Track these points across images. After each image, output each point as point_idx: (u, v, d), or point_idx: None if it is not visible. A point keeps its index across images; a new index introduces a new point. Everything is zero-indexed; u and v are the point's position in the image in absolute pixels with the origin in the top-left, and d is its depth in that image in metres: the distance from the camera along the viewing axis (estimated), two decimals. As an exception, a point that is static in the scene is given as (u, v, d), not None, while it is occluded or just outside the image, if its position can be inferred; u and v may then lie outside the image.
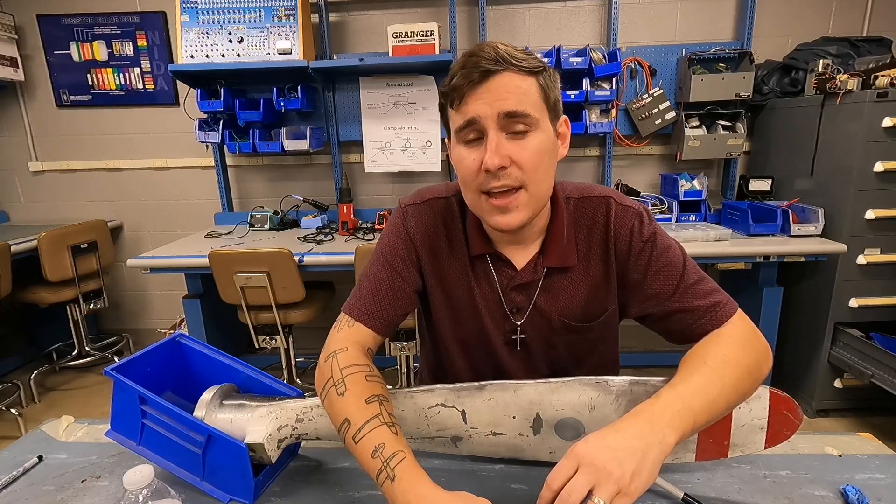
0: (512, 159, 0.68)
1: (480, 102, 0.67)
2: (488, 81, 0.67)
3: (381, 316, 0.80)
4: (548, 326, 0.84)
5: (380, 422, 0.64)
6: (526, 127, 0.68)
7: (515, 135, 0.69)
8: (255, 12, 2.39)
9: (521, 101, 0.67)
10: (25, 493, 0.74)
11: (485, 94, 0.67)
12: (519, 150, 0.69)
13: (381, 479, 0.60)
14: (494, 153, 0.67)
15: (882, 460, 0.76)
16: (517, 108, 0.67)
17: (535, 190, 0.71)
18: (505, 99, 0.67)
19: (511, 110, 0.67)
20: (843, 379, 2.18)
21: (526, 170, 0.69)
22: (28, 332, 3.03)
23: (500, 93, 0.67)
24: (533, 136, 0.69)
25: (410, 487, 0.58)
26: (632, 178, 2.72)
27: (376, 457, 0.61)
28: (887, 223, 2.00)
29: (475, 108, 0.68)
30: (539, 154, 0.70)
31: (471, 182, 0.72)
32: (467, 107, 0.68)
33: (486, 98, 0.67)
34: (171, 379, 0.83)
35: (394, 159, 2.68)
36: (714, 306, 0.74)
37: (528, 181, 0.70)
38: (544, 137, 0.70)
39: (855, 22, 2.49)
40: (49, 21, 2.74)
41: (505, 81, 0.67)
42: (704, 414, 0.61)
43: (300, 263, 2.05)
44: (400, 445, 0.62)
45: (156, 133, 2.87)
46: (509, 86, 0.67)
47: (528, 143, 0.69)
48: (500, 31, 2.62)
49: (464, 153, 0.71)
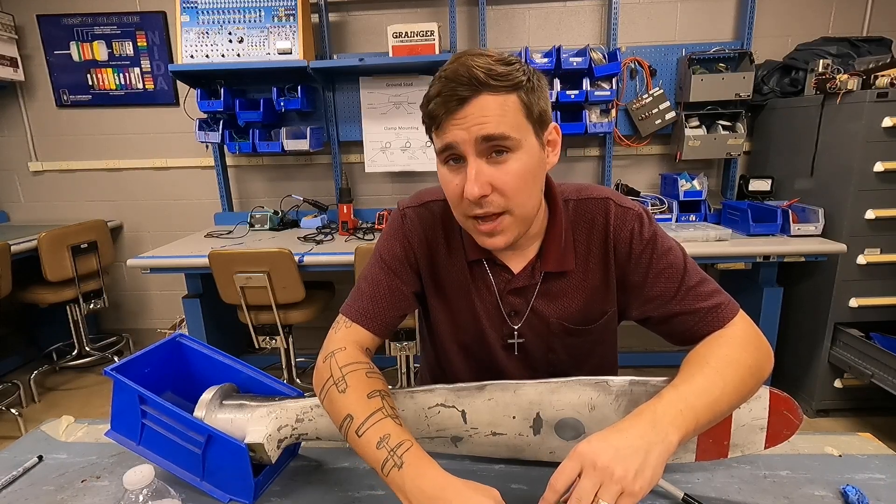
0: (493, 186, 0.67)
1: (457, 128, 0.66)
2: (465, 107, 0.65)
3: (378, 318, 0.80)
4: (546, 330, 0.84)
5: (383, 415, 0.64)
6: (506, 149, 0.67)
7: (497, 157, 0.67)
8: (255, 12, 2.39)
9: (499, 123, 0.65)
10: (25, 493, 0.74)
11: (462, 119, 0.65)
12: (500, 175, 0.67)
13: (388, 468, 0.59)
14: (474, 183, 0.66)
15: (882, 460, 0.76)
16: (495, 131, 0.65)
17: (521, 212, 0.71)
18: (482, 123, 0.65)
19: (488, 134, 0.65)
20: (843, 379, 2.18)
21: (508, 195, 0.68)
22: (28, 332, 3.03)
23: (476, 117, 0.65)
24: (514, 158, 0.67)
25: (420, 472, 0.58)
26: (632, 178, 2.72)
27: (381, 447, 0.61)
28: (887, 223, 2.00)
29: (453, 134, 0.66)
30: (521, 177, 0.68)
31: (457, 206, 0.72)
32: (445, 133, 0.67)
33: (463, 124, 0.65)
34: (171, 379, 0.83)
35: (394, 159, 2.68)
36: (716, 307, 0.74)
37: (512, 205, 0.69)
38: (527, 157, 0.68)
39: (855, 22, 2.50)
40: (49, 21, 2.74)
41: (482, 105, 0.65)
42: (707, 414, 0.61)
43: (300, 263, 2.05)
44: (406, 435, 0.62)
45: (156, 133, 2.87)
46: (487, 108, 0.65)
47: (510, 166, 0.67)
48: (500, 31, 2.62)
49: (447, 176, 0.71)
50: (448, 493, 0.56)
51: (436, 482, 0.57)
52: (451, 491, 0.56)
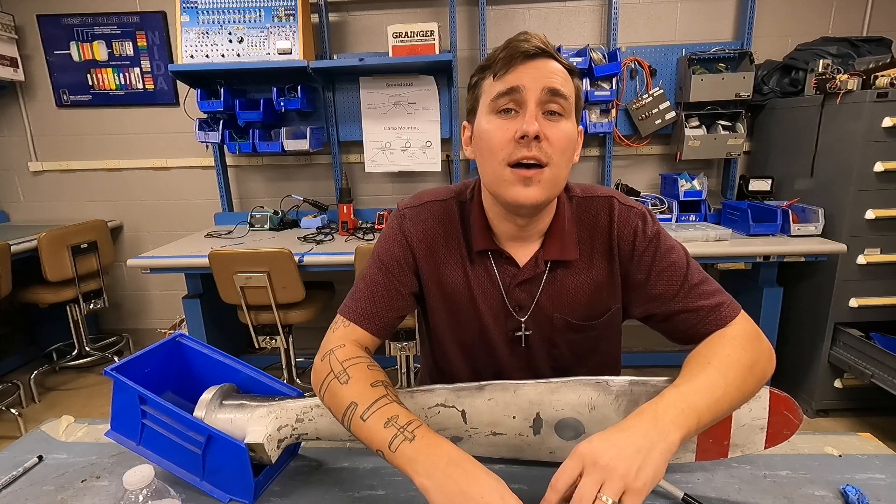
0: (545, 135, 0.70)
1: (526, 75, 0.69)
2: (536, 60, 0.70)
3: (376, 318, 0.80)
4: (550, 325, 0.84)
5: (389, 400, 0.64)
6: (562, 110, 0.71)
7: (551, 116, 0.71)
8: (255, 12, 2.39)
9: (564, 84, 0.71)
10: (25, 493, 0.74)
11: (532, 69, 0.69)
12: (553, 129, 0.70)
13: (397, 443, 0.59)
14: (535, 120, 0.69)
15: (882, 460, 0.76)
16: (561, 87, 0.70)
17: (557, 172, 0.72)
18: (551, 78, 0.70)
19: (556, 87, 0.69)
20: (843, 379, 2.18)
21: (555, 148, 0.71)
22: (28, 332, 3.03)
23: (545, 72, 0.70)
24: (565, 122, 0.72)
25: (435, 443, 0.58)
26: (632, 178, 2.72)
27: (390, 426, 0.60)
28: (887, 223, 2.00)
29: (520, 77, 0.69)
30: (568, 138, 0.72)
31: (498, 152, 0.72)
32: (512, 75, 0.70)
33: (532, 73, 0.69)
34: (171, 379, 0.83)
35: (394, 159, 2.68)
36: (718, 307, 0.74)
37: (554, 161, 0.71)
38: (572, 128, 0.73)
39: (855, 22, 2.50)
40: (49, 21, 2.74)
41: (551, 66, 0.70)
42: (708, 413, 0.61)
43: (300, 263, 2.05)
44: (414, 416, 0.62)
45: (156, 133, 2.87)
46: (555, 69, 0.70)
47: (561, 125, 0.71)
48: (500, 31, 2.62)
49: (496, 123, 0.72)
50: (467, 463, 0.57)
51: (454, 452, 0.57)
52: (470, 463, 0.57)
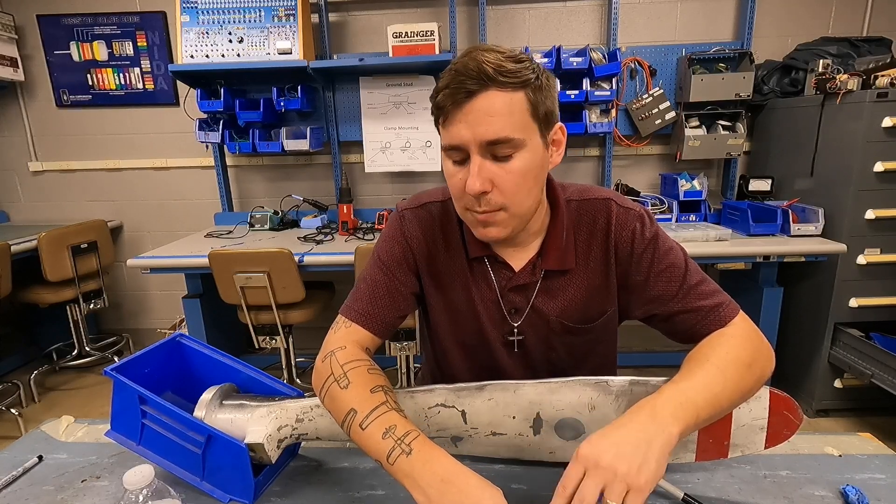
0: (494, 182, 0.69)
1: (463, 126, 0.66)
2: (472, 101, 0.65)
3: (377, 318, 0.80)
4: (546, 328, 0.84)
5: (388, 408, 0.64)
6: (509, 150, 0.68)
7: (497, 159, 0.68)
8: (255, 12, 2.39)
9: (504, 125, 0.66)
10: (25, 493, 0.74)
11: (469, 114, 0.66)
12: (502, 174, 0.68)
13: (395, 456, 0.59)
14: (476, 177, 0.67)
15: (882, 460, 0.76)
16: (499, 135, 0.66)
17: (517, 210, 0.72)
18: (488, 124, 0.65)
19: (493, 139, 0.66)
20: (843, 379, 2.18)
21: (506, 193, 0.70)
22: (28, 332, 3.03)
23: (481, 116, 0.65)
24: (517, 157, 0.68)
25: (431, 457, 0.58)
26: (632, 178, 2.72)
27: (388, 437, 0.60)
28: (887, 223, 2.00)
29: (459, 132, 0.67)
30: (522, 176, 0.69)
31: (458, 199, 0.74)
32: (452, 129, 0.68)
33: (470, 120, 0.66)
34: (171, 379, 0.83)
35: (394, 159, 2.68)
36: (717, 306, 0.74)
37: (509, 203, 0.71)
38: (530, 156, 0.69)
39: (855, 22, 2.49)
40: (49, 21, 2.74)
41: (489, 102, 0.65)
42: (707, 409, 0.61)
43: (300, 263, 2.05)
44: (412, 426, 0.62)
45: (156, 133, 2.87)
46: (493, 108, 0.65)
47: (512, 165, 0.68)
48: (500, 31, 2.62)
49: (451, 170, 0.72)
50: (460, 479, 0.56)
51: (448, 468, 0.57)
52: (463, 478, 0.56)
